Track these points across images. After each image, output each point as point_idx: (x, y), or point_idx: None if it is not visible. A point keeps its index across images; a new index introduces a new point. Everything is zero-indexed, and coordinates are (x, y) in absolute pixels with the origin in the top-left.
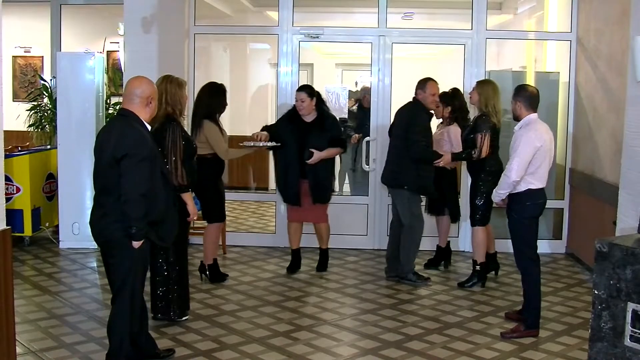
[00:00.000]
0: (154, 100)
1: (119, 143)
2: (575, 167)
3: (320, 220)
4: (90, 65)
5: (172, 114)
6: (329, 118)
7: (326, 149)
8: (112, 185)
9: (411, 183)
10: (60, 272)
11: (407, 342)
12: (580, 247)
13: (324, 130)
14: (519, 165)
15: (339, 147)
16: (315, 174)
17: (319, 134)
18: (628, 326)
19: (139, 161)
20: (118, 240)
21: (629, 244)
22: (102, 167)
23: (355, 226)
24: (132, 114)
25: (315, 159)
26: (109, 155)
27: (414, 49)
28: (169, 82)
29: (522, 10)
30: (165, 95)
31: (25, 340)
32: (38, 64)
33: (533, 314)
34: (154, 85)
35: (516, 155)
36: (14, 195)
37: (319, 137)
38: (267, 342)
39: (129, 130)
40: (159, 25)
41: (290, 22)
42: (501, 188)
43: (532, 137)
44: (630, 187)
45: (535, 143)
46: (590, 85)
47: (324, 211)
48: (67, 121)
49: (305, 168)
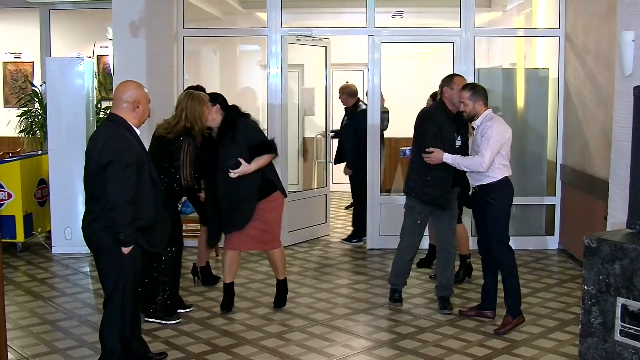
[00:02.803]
0: (141, 105)
1: (104, 149)
2: (567, 163)
3: (266, 247)
4: (80, 70)
5: (190, 129)
6: (240, 124)
7: (253, 161)
8: (100, 191)
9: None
10: (52, 278)
11: (400, 340)
12: (572, 243)
13: (235, 143)
14: (491, 156)
15: (268, 154)
16: (234, 192)
17: (231, 147)
18: (618, 321)
19: (124, 168)
20: (107, 246)
21: (618, 239)
22: (90, 173)
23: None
24: (120, 118)
25: (241, 171)
26: (95, 162)
27: (403, 48)
28: (190, 98)
29: (510, 8)
30: (185, 112)
31: (18, 346)
32: (28, 69)
33: (516, 300)
34: (141, 89)
35: (488, 147)
36: (6, 202)
37: (232, 151)
38: (260, 343)
39: (114, 137)
40: (147, 29)
41: (278, 23)
42: (468, 166)
43: (501, 129)
44: (620, 182)
45: (504, 135)
46: (579, 80)
47: (274, 235)
48: (57, 126)
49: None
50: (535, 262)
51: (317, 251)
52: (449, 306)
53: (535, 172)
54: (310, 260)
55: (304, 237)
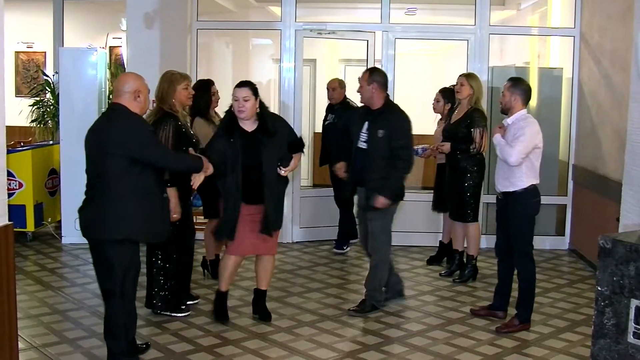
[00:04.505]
0: (142, 94)
1: (130, 136)
2: (579, 163)
3: (271, 251)
4: (93, 61)
5: (165, 108)
6: (278, 120)
7: (294, 157)
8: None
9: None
10: (62, 268)
11: (410, 338)
12: (583, 243)
13: (277, 138)
14: (520, 152)
15: (301, 150)
16: (276, 191)
17: (274, 142)
18: (631, 323)
19: (156, 143)
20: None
21: (633, 240)
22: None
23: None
24: (124, 107)
25: (290, 168)
26: (114, 147)
27: (413, 45)
28: (161, 78)
29: (525, 6)
30: (156, 92)
31: (28, 335)
32: (40, 59)
33: (528, 309)
34: (141, 79)
35: (520, 142)
36: (17, 191)
37: (275, 147)
38: (270, 337)
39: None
40: (161, 21)
41: (293, 18)
42: (502, 152)
43: (535, 130)
44: (633, 183)
45: (536, 137)
46: (593, 81)
47: (276, 239)
48: (69, 116)
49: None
50: (545, 262)
51: (326, 246)
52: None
53: (547, 172)
54: (319, 255)
55: (314, 236)
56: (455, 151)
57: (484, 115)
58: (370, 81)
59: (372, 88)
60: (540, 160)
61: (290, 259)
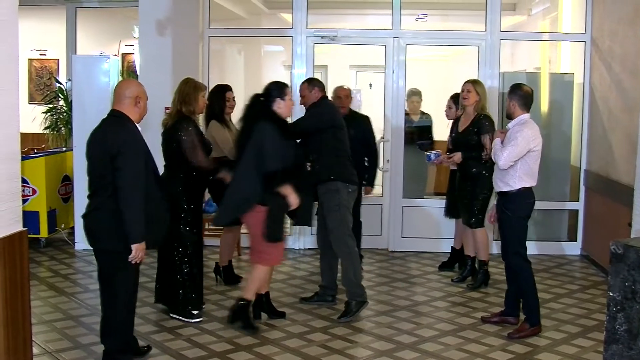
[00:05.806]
0: (142, 100)
1: (115, 140)
2: (590, 168)
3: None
4: (106, 68)
5: (184, 112)
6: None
7: None
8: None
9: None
10: (75, 274)
11: (422, 344)
12: (595, 248)
13: None
14: (509, 155)
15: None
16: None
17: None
18: None
19: (134, 157)
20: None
21: None
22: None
23: (370, 226)
24: (123, 114)
25: None
26: (106, 154)
27: (423, 51)
28: (184, 83)
29: (536, 12)
30: (179, 95)
31: (42, 341)
32: (53, 66)
33: (534, 310)
34: (141, 86)
35: (511, 146)
36: (30, 197)
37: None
38: (282, 343)
39: (123, 128)
40: (173, 28)
41: (304, 24)
42: (495, 153)
43: (529, 135)
44: None
45: (530, 141)
46: (604, 86)
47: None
48: (82, 123)
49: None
50: (557, 268)
51: None
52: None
53: (559, 178)
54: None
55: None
56: (467, 160)
57: (491, 121)
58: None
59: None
60: (538, 163)
61: (303, 265)
